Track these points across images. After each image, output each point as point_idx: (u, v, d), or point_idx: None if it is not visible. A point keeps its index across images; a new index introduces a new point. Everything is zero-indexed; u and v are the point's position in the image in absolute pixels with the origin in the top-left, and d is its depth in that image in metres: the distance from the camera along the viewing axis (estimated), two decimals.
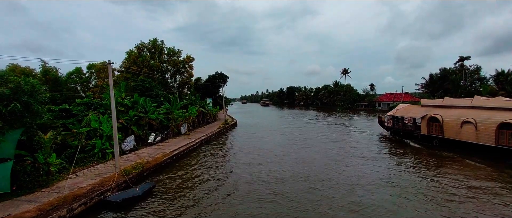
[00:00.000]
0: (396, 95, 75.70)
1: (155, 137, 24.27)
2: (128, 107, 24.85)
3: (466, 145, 20.47)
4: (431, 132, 23.77)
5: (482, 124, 19.36)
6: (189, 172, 17.20)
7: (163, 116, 26.59)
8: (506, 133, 17.91)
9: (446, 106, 24.16)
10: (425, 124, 24.33)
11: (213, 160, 20.59)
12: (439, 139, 22.94)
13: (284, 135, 33.37)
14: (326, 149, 23.77)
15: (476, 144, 19.67)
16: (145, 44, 37.17)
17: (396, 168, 17.48)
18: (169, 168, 18.01)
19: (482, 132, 19.29)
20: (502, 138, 18.12)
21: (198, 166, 18.80)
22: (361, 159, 19.88)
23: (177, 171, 17.36)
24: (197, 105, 36.98)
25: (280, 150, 23.58)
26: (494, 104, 20.58)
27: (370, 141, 27.56)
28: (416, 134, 25.27)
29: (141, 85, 31.09)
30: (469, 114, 20.88)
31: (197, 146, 25.23)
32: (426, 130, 24.22)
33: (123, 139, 21.30)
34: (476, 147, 19.67)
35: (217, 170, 17.75)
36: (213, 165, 19.08)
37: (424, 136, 24.41)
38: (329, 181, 15.09)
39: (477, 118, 19.92)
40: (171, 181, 15.47)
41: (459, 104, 23.62)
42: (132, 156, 19.45)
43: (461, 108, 22.58)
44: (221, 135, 33.89)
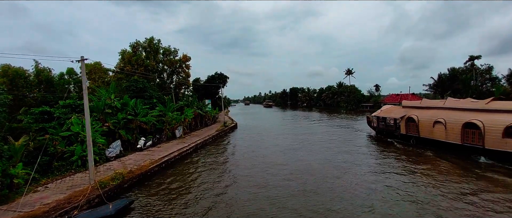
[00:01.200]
0: (402, 96, 73.14)
1: (146, 142, 22.41)
2: (118, 109, 23.07)
3: (438, 143, 21.85)
4: (409, 131, 25.18)
5: (450, 124, 20.77)
6: (176, 185, 15.25)
7: (155, 119, 24.73)
8: (470, 132, 19.33)
9: (423, 107, 25.65)
10: (404, 124, 25.74)
11: (206, 169, 18.60)
12: (415, 138, 24.32)
13: (287, 139, 31.31)
14: (331, 156, 21.72)
15: (446, 142, 21.08)
16: (140, 43, 35.42)
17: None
18: (156, 178, 16.10)
19: (450, 131, 20.70)
20: (467, 137, 19.55)
21: (188, 177, 16.84)
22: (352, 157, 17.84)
23: (164, 183, 15.44)
24: (194, 106, 35.12)
25: (282, 158, 21.54)
26: (462, 105, 22.21)
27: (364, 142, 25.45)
28: (396, 133, 26.73)
29: (134, 85, 29.31)
30: (441, 114, 22.23)
31: (191, 151, 23.32)
32: (404, 129, 25.65)
33: (109, 145, 19.49)
34: (446, 145, 21.06)
35: (209, 183, 15.75)
36: (205, 176, 17.08)
37: (403, 135, 25.81)
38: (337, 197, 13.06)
39: (446, 118, 21.33)
40: (154, 195, 13.55)
41: (433, 105, 25.14)
42: (116, 163, 17.59)
43: (435, 109, 23.97)
44: (219, 139, 31.96)
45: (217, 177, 16.40)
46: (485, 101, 20.99)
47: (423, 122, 23.43)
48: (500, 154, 17.39)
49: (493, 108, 19.61)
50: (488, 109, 19.78)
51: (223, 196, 13.21)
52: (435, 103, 25.54)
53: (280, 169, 17.64)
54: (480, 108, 20.40)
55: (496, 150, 17.59)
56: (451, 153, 20.20)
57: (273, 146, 26.32)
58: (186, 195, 13.51)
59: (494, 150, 17.73)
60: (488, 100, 21.00)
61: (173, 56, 37.93)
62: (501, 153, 17.35)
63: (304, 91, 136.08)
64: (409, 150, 22.70)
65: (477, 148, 18.73)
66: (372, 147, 24.73)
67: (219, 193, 13.67)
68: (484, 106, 20.25)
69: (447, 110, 22.68)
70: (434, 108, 24.38)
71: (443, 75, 62.02)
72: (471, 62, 57.58)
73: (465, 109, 21.33)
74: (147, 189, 14.31)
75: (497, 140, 17.48)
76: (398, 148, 23.82)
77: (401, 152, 21.97)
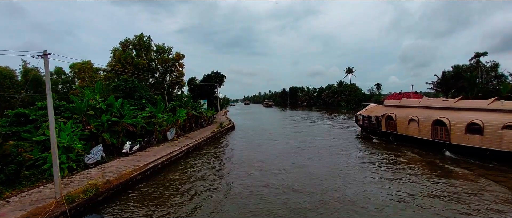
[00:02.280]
0: (405, 95, 71.27)
1: (132, 146, 20.69)
2: (103, 111, 21.37)
3: (413, 139, 23.38)
4: (388, 129, 26.66)
5: (423, 121, 22.18)
6: (159, 197, 13.51)
7: (143, 121, 22.99)
8: (439, 129, 20.67)
9: (401, 106, 26.99)
10: (384, 122, 27.24)
11: (197, 178, 16.82)
12: (393, 135, 25.82)
13: (286, 141, 29.57)
14: (332, 161, 20.01)
15: (419, 138, 22.57)
16: (130, 40, 33.59)
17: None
18: (138, 189, 14.36)
19: (423, 128, 22.11)
20: (436, 133, 20.90)
21: (175, 187, 15.08)
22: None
23: (146, 194, 13.70)
24: (188, 107, 33.38)
25: (281, 164, 19.80)
26: (435, 104, 23.57)
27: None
28: (378, 131, 28.27)
29: (123, 85, 27.57)
30: (415, 113, 23.53)
31: (182, 155, 21.59)
32: (385, 127, 27.17)
33: (90, 150, 17.76)
34: (420, 141, 22.58)
35: (198, 195, 14.02)
36: (194, 187, 15.32)
37: (384, 133, 27.39)
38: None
39: (420, 116, 22.66)
40: (133, 210, 11.82)
41: (410, 104, 26.31)
42: (96, 171, 15.86)
43: (411, 108, 25.16)
44: (214, 141, 30.21)
45: (208, 188, 14.63)
46: (453, 100, 22.70)
47: (400, 120, 24.85)
48: (463, 148, 18.90)
49: (459, 106, 21.07)
50: (455, 108, 21.17)
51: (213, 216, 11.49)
52: (412, 102, 26.73)
53: (279, 180, 15.84)
54: (449, 106, 21.80)
55: (460, 145, 19.11)
56: (424, 148, 21.73)
57: (271, 150, 24.59)
58: (169, 210, 11.78)
59: (458, 145, 19.23)
60: (456, 100, 22.72)
61: (166, 54, 36.14)
62: (464, 148, 18.85)
63: (304, 91, 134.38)
64: (387, 146, 24.21)
65: (444, 143, 20.20)
66: (369, 149, 23.03)
67: (208, 212, 11.92)
68: (452, 105, 21.68)
69: (421, 108, 24.07)
70: (410, 107, 25.70)
71: (447, 73, 60.21)
72: (477, 59, 55.81)
73: (436, 108, 22.71)
74: (125, 203, 12.57)
75: (461, 136, 18.97)
76: (386, 147, 24.10)
77: (382, 149, 22.96)
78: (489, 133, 17.27)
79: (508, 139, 16.36)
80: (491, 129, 17.24)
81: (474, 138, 18.14)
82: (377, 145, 25.15)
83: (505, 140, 16.46)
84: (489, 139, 17.26)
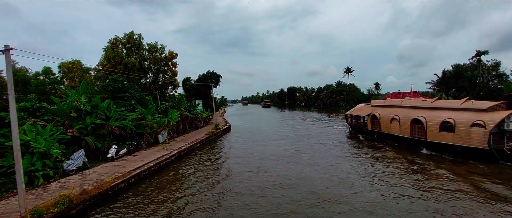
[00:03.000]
0: (405, 94, 70.36)
1: (118, 150, 19.34)
2: (88, 113, 20.01)
3: (394, 137, 24.43)
4: (374, 127, 27.64)
5: (403, 120, 23.24)
6: (143, 209, 12.21)
7: (131, 123, 21.66)
8: (417, 127, 21.73)
9: (385, 106, 28.41)
10: (369, 121, 28.27)
11: (185, 188, 15.53)
12: (378, 133, 26.93)
13: (284, 144, 28.34)
14: (334, 167, 18.81)
15: (400, 136, 23.58)
16: (119, 39, 32.21)
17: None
18: (119, 199, 13.04)
19: (403, 126, 23.11)
20: (415, 131, 21.94)
21: (161, 197, 13.79)
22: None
23: (128, 205, 12.36)
24: (181, 108, 32.05)
25: (279, 172, 18.55)
26: (414, 103, 24.84)
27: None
28: (364, 129, 29.45)
29: (112, 85, 26.21)
30: (397, 112, 24.63)
31: (173, 159, 20.28)
32: (370, 126, 28.17)
33: (71, 155, 16.42)
34: (401, 138, 23.63)
35: (189, 205, 12.75)
36: (184, 197, 14.06)
37: (369, 131, 28.48)
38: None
39: (401, 115, 23.71)
40: None
41: (393, 104, 27.74)
42: (75, 179, 14.53)
43: (394, 107, 26.45)
44: (208, 143, 28.90)
45: (198, 200, 13.35)
46: (431, 100, 24.17)
47: (384, 119, 25.88)
48: (437, 145, 19.98)
49: (435, 106, 22.22)
50: (431, 107, 22.34)
51: None
52: (395, 102, 28.24)
53: (278, 194, 14.63)
54: (426, 106, 23.00)
55: (435, 142, 20.11)
56: (405, 146, 22.92)
57: (269, 154, 23.32)
58: None
59: (433, 142, 20.26)
60: (434, 99, 24.24)
61: (159, 53, 34.76)
62: (438, 145, 19.95)
63: (302, 91, 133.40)
64: (370, 144, 25.48)
65: (421, 140, 21.25)
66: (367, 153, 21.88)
67: None
68: (429, 104, 22.89)
69: (402, 108, 25.21)
70: (393, 106, 26.99)
71: (447, 72, 59.25)
72: (478, 58, 54.88)
73: (415, 107, 23.87)
74: (103, 216, 11.26)
75: (435, 134, 19.98)
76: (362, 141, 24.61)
77: (366, 147, 22.03)
78: (460, 130, 18.43)
79: (475, 136, 17.48)
80: (461, 127, 18.42)
81: (447, 136, 19.23)
82: (362, 142, 26.64)
83: (473, 137, 17.63)
84: (460, 136, 18.41)
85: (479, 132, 17.31)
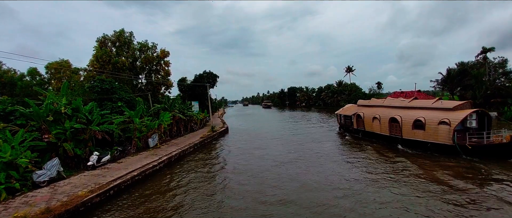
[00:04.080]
0: (408, 94, 68.51)
1: (100, 157, 17.60)
2: (69, 117, 18.30)
3: (376, 135, 25.73)
4: (358, 126, 29.10)
5: (383, 119, 24.43)
6: None
7: (116, 127, 19.93)
8: (394, 125, 22.94)
9: (369, 105, 29.73)
10: (355, 120, 29.76)
11: (171, 203, 13.84)
12: (362, 132, 28.46)
13: (285, 149, 26.59)
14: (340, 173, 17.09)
15: (381, 134, 24.84)
16: (108, 37, 30.47)
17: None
18: (93, 216, 11.30)
19: (383, 125, 24.38)
20: (392, 129, 23.20)
21: (143, 213, 12.05)
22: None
23: None
24: (175, 109, 30.30)
25: (279, 180, 16.83)
26: (394, 103, 25.87)
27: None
28: (351, 128, 30.84)
29: (99, 86, 24.49)
30: (378, 111, 25.83)
31: (162, 167, 18.53)
32: (356, 125, 29.66)
33: (45, 164, 14.67)
34: (381, 136, 24.82)
35: None
36: (169, 216, 12.32)
37: (355, 130, 29.91)
38: None
39: (381, 114, 24.88)
40: None
41: (377, 103, 29.03)
42: (45, 192, 12.79)
43: (376, 107, 27.77)
44: (202, 147, 27.14)
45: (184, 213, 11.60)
46: (407, 100, 25.16)
47: (367, 118, 27.20)
48: (411, 142, 21.25)
49: (411, 105, 23.34)
50: (408, 107, 23.46)
51: None
52: (378, 102, 29.55)
53: (279, 209, 12.88)
54: (403, 105, 24.14)
55: (409, 139, 21.43)
56: (385, 143, 24.26)
57: (268, 158, 21.58)
58: None
59: (408, 139, 21.53)
60: (410, 99, 25.22)
61: (151, 52, 32.98)
62: (412, 141, 21.20)
63: (303, 91, 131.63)
64: (354, 142, 26.95)
65: (398, 138, 22.56)
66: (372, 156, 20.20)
67: None
68: (406, 104, 24.01)
69: (383, 107, 26.42)
70: (376, 106, 28.30)
71: (452, 70, 57.42)
72: (483, 55, 53.06)
73: (394, 107, 25.04)
74: None
75: (409, 131, 21.29)
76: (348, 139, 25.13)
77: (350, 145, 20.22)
78: (429, 128, 19.72)
79: (442, 133, 18.79)
80: (430, 124, 19.69)
81: (419, 133, 20.55)
82: (348, 140, 28.10)
83: (440, 134, 18.94)
84: (429, 133, 19.72)
85: (445, 129, 18.62)
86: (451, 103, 20.78)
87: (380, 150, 21.93)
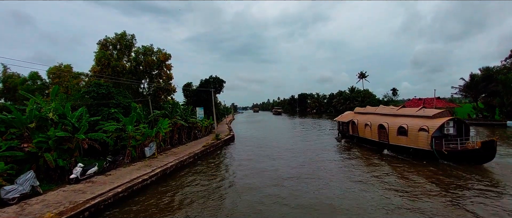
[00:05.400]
0: (427, 101, 64.61)
1: (86, 169, 15.82)
2: (55, 123, 16.74)
3: (368, 141, 26.55)
4: (353, 132, 29.96)
5: (373, 125, 25.37)
6: None
7: (105, 135, 18.20)
8: (382, 132, 23.94)
9: (363, 113, 30.78)
10: (350, 126, 30.73)
11: None
12: (356, 138, 29.35)
13: (291, 158, 24.23)
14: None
15: (371, 140, 25.75)
16: (110, 39, 29.22)
17: None
18: None
19: (373, 131, 25.35)
20: (381, 135, 24.18)
21: None
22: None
23: None
24: (177, 116, 28.52)
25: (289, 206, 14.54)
26: (384, 111, 27.18)
27: None
28: (347, 134, 31.76)
29: (95, 91, 23.05)
30: (370, 118, 26.83)
31: (154, 180, 16.57)
32: (351, 131, 30.60)
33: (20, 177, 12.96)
34: (372, 142, 25.69)
35: None
36: None
37: (350, 136, 30.84)
38: None
39: (372, 121, 25.82)
40: None
41: (370, 111, 29.92)
42: (11, 212, 10.99)
43: (369, 114, 28.73)
44: (204, 157, 25.09)
45: None
46: (396, 108, 26.61)
47: (360, 124, 28.25)
48: (397, 147, 22.26)
49: (398, 113, 24.81)
50: (395, 114, 24.90)
51: None
52: (371, 110, 30.42)
53: None
54: (392, 113, 25.62)
55: (394, 145, 22.46)
56: (375, 148, 25.11)
57: (272, 172, 19.28)
58: None
59: (394, 145, 22.56)
60: (398, 107, 26.98)
61: (154, 56, 31.49)
62: (397, 147, 22.23)
63: (313, 97, 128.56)
64: (347, 147, 28.32)
65: (385, 143, 23.50)
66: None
67: None
68: (394, 112, 25.40)
69: (375, 115, 27.69)
70: (368, 113, 29.47)
71: (476, 76, 53.46)
72: None
73: (384, 114, 26.32)
74: None
75: (394, 137, 22.34)
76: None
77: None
78: (411, 134, 20.79)
79: (422, 139, 19.84)
80: (412, 131, 20.77)
81: (402, 139, 21.66)
82: (344, 147, 28.46)
83: (420, 140, 19.99)
84: (411, 139, 20.79)
85: (424, 135, 19.70)
86: (432, 111, 21.74)
87: (366, 155, 23.36)
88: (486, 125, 43.86)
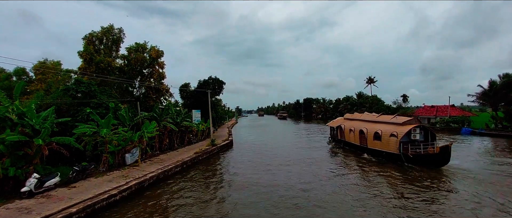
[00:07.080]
0: (440, 108, 60.90)
1: (44, 180, 13.25)
2: (14, 124, 14.29)
3: (352, 145, 28.51)
4: (341, 137, 31.52)
5: (355, 131, 27.48)
6: None
7: (72, 139, 15.65)
8: (362, 137, 25.84)
9: (350, 119, 32.99)
10: (339, 131, 32.14)
11: None
12: (343, 142, 30.88)
13: (291, 170, 21.39)
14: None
15: (355, 144, 27.80)
16: (96, 34, 26.85)
17: None
18: None
19: (356, 136, 27.33)
20: (362, 140, 26.13)
21: None
22: None
23: None
24: (167, 118, 25.95)
25: None
26: (367, 118, 29.85)
27: None
28: (336, 138, 33.34)
29: (74, 89, 20.67)
30: (354, 124, 28.90)
31: (124, 197, 13.89)
32: (339, 136, 32.12)
33: None
34: (355, 146, 27.70)
35: None
36: None
37: (339, 140, 32.12)
38: None
39: (356, 127, 27.78)
40: None
41: (356, 117, 32.10)
42: None
43: (354, 120, 31.06)
44: (193, 167, 22.32)
45: None
46: (377, 115, 29.01)
47: (346, 129, 29.77)
48: (373, 151, 24.15)
49: (377, 120, 26.83)
50: (373, 121, 26.92)
51: None
52: (357, 116, 32.48)
53: None
54: (372, 120, 27.67)
55: (371, 149, 24.33)
56: (357, 152, 26.45)
57: (271, 187, 16.45)
58: None
59: (371, 149, 24.39)
60: (379, 114, 29.28)
61: (146, 53, 29.08)
62: (373, 151, 24.12)
63: (319, 102, 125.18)
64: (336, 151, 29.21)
65: (365, 147, 25.19)
66: None
67: None
68: (375, 119, 27.49)
69: (358, 121, 29.63)
70: (354, 119, 31.54)
71: (494, 83, 49.76)
72: None
73: (366, 121, 28.27)
74: None
75: (371, 142, 24.26)
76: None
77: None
78: (384, 139, 22.42)
79: (392, 144, 21.52)
80: (385, 136, 22.38)
81: (377, 143, 23.25)
82: (335, 150, 29.55)
83: (391, 145, 21.65)
84: (384, 144, 22.42)
85: (394, 140, 21.32)
86: (402, 119, 23.65)
87: (348, 158, 24.78)
88: (507, 136, 40.01)
